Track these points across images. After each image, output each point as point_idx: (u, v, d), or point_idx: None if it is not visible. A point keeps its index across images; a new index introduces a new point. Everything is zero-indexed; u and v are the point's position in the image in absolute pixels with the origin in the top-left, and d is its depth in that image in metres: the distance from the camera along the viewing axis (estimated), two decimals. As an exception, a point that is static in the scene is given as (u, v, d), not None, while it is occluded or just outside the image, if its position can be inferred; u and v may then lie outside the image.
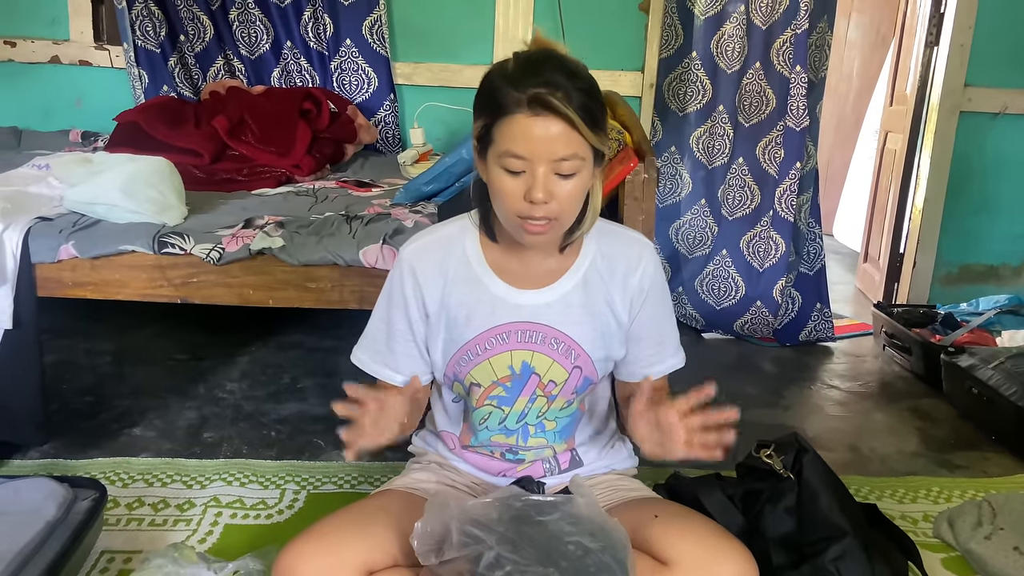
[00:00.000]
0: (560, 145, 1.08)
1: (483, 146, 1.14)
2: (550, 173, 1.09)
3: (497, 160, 1.11)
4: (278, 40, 3.24)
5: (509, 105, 1.08)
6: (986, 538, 1.64)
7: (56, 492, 1.47)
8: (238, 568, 1.37)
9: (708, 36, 3.00)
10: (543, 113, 1.07)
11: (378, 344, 1.31)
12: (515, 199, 1.11)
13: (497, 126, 1.10)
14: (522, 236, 1.16)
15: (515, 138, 1.08)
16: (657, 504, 1.27)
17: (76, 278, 1.87)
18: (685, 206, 3.16)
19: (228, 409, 2.26)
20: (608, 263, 1.27)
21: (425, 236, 1.29)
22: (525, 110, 1.07)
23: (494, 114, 1.10)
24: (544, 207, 1.10)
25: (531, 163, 1.09)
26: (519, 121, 1.08)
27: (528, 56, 1.13)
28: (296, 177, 2.65)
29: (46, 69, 3.30)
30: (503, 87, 1.09)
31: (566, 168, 1.10)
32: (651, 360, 1.32)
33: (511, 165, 1.10)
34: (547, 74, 1.08)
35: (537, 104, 1.07)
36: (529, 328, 1.24)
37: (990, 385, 2.30)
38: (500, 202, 1.14)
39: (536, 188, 1.09)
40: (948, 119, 3.41)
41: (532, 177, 1.09)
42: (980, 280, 3.62)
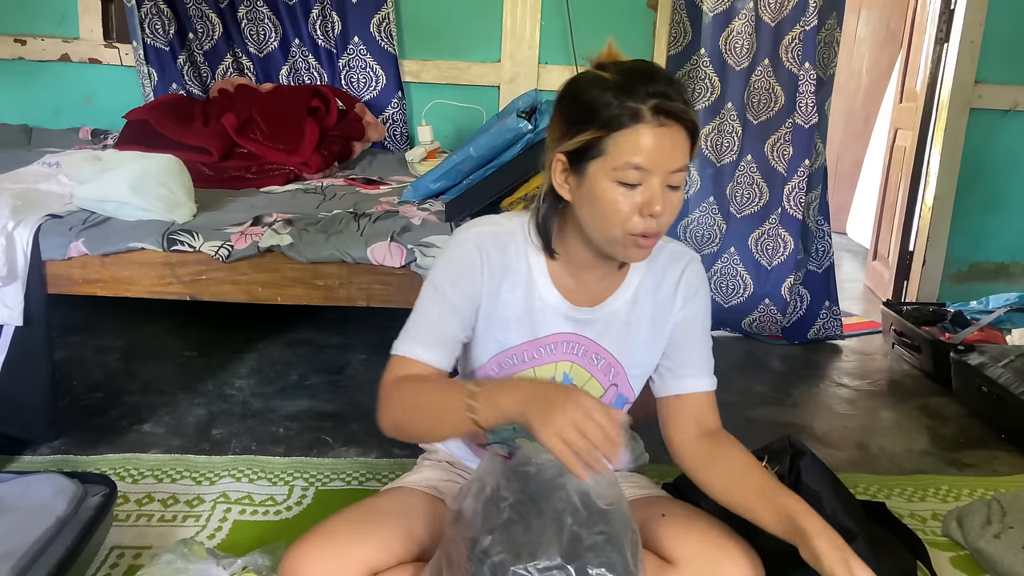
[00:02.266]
0: (678, 155, 1.06)
1: (582, 160, 1.09)
2: (664, 186, 1.07)
3: (610, 174, 1.06)
4: (286, 38, 3.25)
5: (629, 115, 1.04)
6: (995, 537, 1.63)
7: (66, 488, 1.48)
8: (247, 564, 1.38)
9: (717, 33, 2.99)
10: (667, 123, 1.05)
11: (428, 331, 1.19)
12: (628, 214, 1.07)
13: (613, 139, 1.05)
14: (628, 253, 1.12)
15: (639, 149, 1.04)
16: (665, 503, 1.27)
17: (86, 275, 1.88)
18: (693, 203, 3.15)
19: (237, 406, 2.27)
20: (656, 279, 1.25)
21: (493, 223, 1.23)
22: (650, 120, 1.04)
23: (609, 126, 1.05)
24: (655, 221, 1.07)
25: (648, 175, 1.06)
26: (643, 131, 1.04)
27: (630, 67, 1.09)
28: (304, 175, 2.65)
29: (56, 67, 3.31)
30: (615, 98, 1.05)
31: (676, 180, 1.08)
32: (687, 371, 1.27)
33: (629, 177, 1.06)
34: (661, 83, 1.06)
35: (662, 113, 1.04)
36: (573, 340, 1.23)
37: (1000, 383, 2.29)
38: (607, 218, 1.08)
39: (656, 200, 1.06)
40: (958, 116, 3.40)
41: (649, 190, 1.06)
42: (990, 278, 3.60)
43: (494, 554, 0.96)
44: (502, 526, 0.98)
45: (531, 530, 0.97)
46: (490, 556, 0.96)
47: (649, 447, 1.45)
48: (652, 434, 1.36)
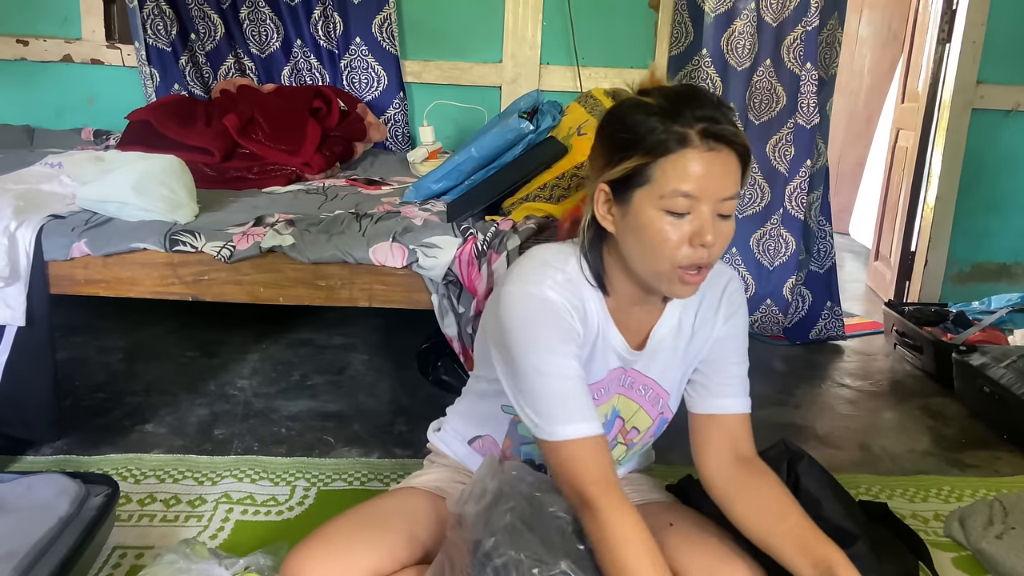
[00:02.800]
0: (728, 181, 1.02)
1: (627, 188, 1.04)
2: (714, 214, 1.02)
3: (657, 202, 1.02)
4: (288, 39, 3.25)
5: (676, 140, 1.00)
6: (997, 537, 1.63)
7: (69, 488, 1.48)
8: (249, 564, 1.38)
9: (718, 33, 2.99)
10: (716, 147, 1.01)
11: (569, 398, 1.07)
12: (677, 246, 1.02)
13: (660, 164, 1.01)
14: (674, 288, 1.07)
15: (687, 175, 1.00)
16: (673, 511, 1.26)
17: (88, 275, 1.88)
18: (695, 204, 3.15)
19: (239, 406, 2.27)
20: (696, 300, 1.21)
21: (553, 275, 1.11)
22: (698, 144, 1.00)
23: (654, 152, 1.01)
24: (709, 252, 1.03)
25: (697, 203, 1.01)
26: (691, 157, 1.00)
27: (675, 90, 1.05)
28: (306, 175, 2.66)
29: (58, 68, 3.31)
30: (661, 123, 1.01)
31: (727, 208, 1.03)
32: (724, 391, 1.24)
33: (677, 206, 1.01)
34: (708, 107, 1.01)
35: (710, 137, 1.00)
36: (623, 373, 1.21)
37: (1002, 384, 2.29)
38: (655, 249, 1.03)
39: (707, 230, 1.01)
40: (960, 116, 3.39)
41: (699, 219, 1.01)
42: (992, 278, 3.60)
43: (496, 557, 0.96)
44: (504, 529, 0.98)
45: (534, 534, 0.97)
46: (492, 559, 0.96)
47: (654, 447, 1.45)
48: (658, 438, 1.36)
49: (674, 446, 2.08)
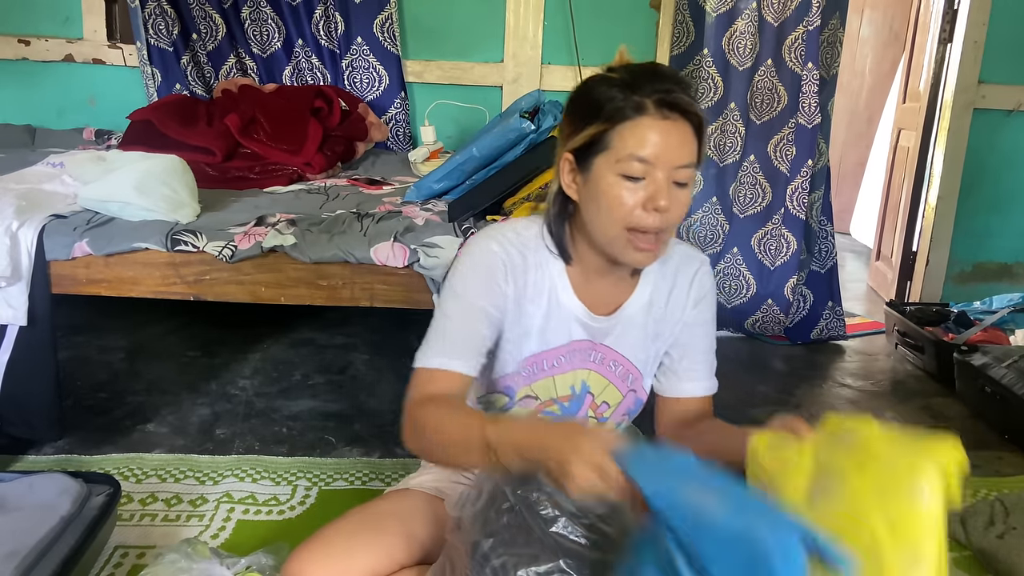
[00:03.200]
0: (684, 150, 1.06)
1: (588, 156, 1.09)
2: (669, 182, 1.06)
3: (614, 167, 1.06)
4: (290, 38, 3.25)
5: (632, 108, 1.05)
6: (998, 537, 1.63)
7: (70, 487, 1.49)
8: (250, 563, 1.38)
9: (719, 33, 2.99)
10: (672, 115, 1.05)
11: (456, 339, 1.14)
12: (630, 209, 1.06)
13: (616, 131, 1.06)
14: (627, 254, 1.10)
15: (641, 141, 1.04)
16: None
17: (90, 275, 1.88)
18: (696, 204, 3.15)
19: (240, 406, 2.28)
20: (667, 283, 1.25)
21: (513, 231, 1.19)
22: (654, 112, 1.05)
23: (611, 119, 1.06)
24: (659, 218, 1.06)
25: (652, 168, 1.05)
26: (647, 124, 1.05)
27: (636, 66, 1.10)
28: (308, 175, 2.66)
29: (60, 67, 3.32)
30: (620, 93, 1.06)
31: (683, 176, 1.07)
32: (691, 375, 1.28)
33: (632, 170, 1.05)
34: (667, 80, 1.06)
35: (665, 106, 1.05)
36: (592, 348, 1.23)
37: (1003, 384, 2.29)
38: (609, 213, 1.08)
39: (660, 195, 1.05)
40: (961, 116, 3.39)
41: (654, 184, 1.05)
42: (993, 278, 3.60)
43: (494, 558, 0.96)
44: (502, 530, 0.98)
45: (531, 534, 0.97)
46: (491, 560, 0.96)
47: (652, 447, 1.45)
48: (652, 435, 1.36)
49: (675, 446, 2.09)
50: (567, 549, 0.96)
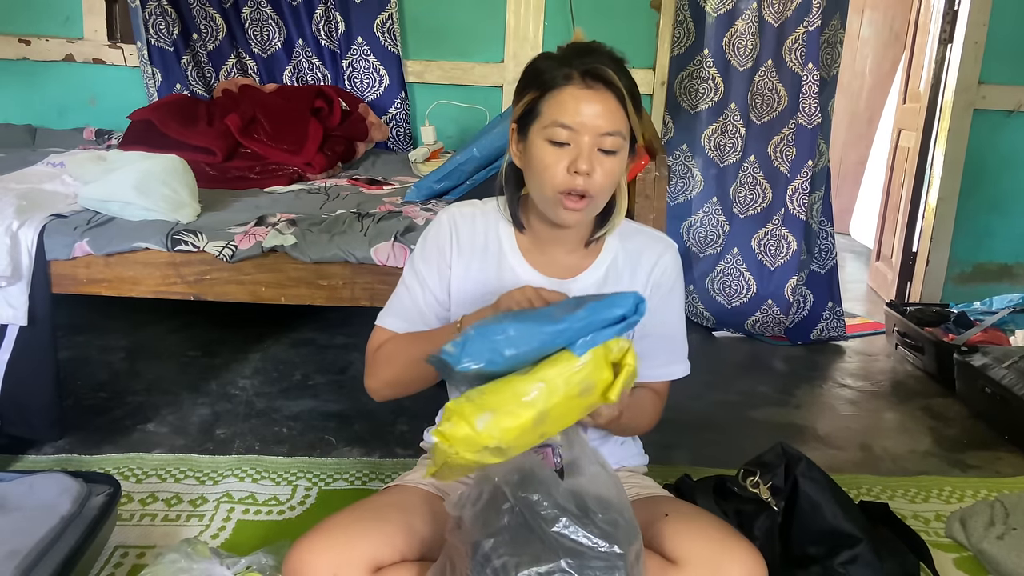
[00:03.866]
0: (607, 119, 1.13)
1: (525, 123, 1.18)
2: (594, 147, 1.14)
3: (542, 132, 1.15)
4: (290, 38, 3.25)
5: (560, 78, 1.14)
6: (998, 538, 1.63)
7: (70, 487, 1.48)
8: (250, 563, 1.38)
9: (720, 33, 2.99)
10: (594, 85, 1.13)
11: (407, 304, 1.31)
12: (557, 171, 1.14)
13: (546, 99, 1.15)
14: (558, 214, 1.18)
15: (565, 108, 1.13)
16: (668, 502, 1.27)
17: (90, 275, 1.88)
18: (696, 204, 3.16)
19: (240, 405, 2.28)
20: (630, 260, 1.29)
21: (470, 205, 1.33)
22: (578, 82, 1.13)
23: (543, 88, 1.15)
24: (585, 180, 1.13)
25: (577, 135, 1.13)
26: (570, 92, 1.13)
27: (576, 43, 1.19)
28: (308, 175, 2.66)
29: (60, 67, 3.32)
30: (553, 65, 1.15)
31: (609, 144, 1.14)
32: (659, 361, 1.32)
33: (557, 135, 1.14)
34: (597, 56, 1.15)
35: (589, 76, 1.13)
36: None
37: (1003, 384, 2.29)
38: (540, 176, 1.16)
39: (582, 159, 1.13)
40: (962, 117, 3.39)
41: (577, 149, 1.13)
42: (993, 279, 3.60)
43: (495, 558, 0.96)
44: (502, 530, 0.98)
45: (532, 533, 0.97)
46: (491, 560, 0.96)
47: (648, 449, 1.45)
48: (656, 436, 1.36)
49: (679, 444, 2.09)
50: (568, 549, 0.96)
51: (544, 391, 0.98)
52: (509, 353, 0.99)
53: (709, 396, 2.46)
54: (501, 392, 0.99)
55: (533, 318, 1.03)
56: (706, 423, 2.28)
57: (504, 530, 0.98)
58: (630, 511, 1.04)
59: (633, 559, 0.99)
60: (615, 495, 1.04)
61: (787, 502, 1.46)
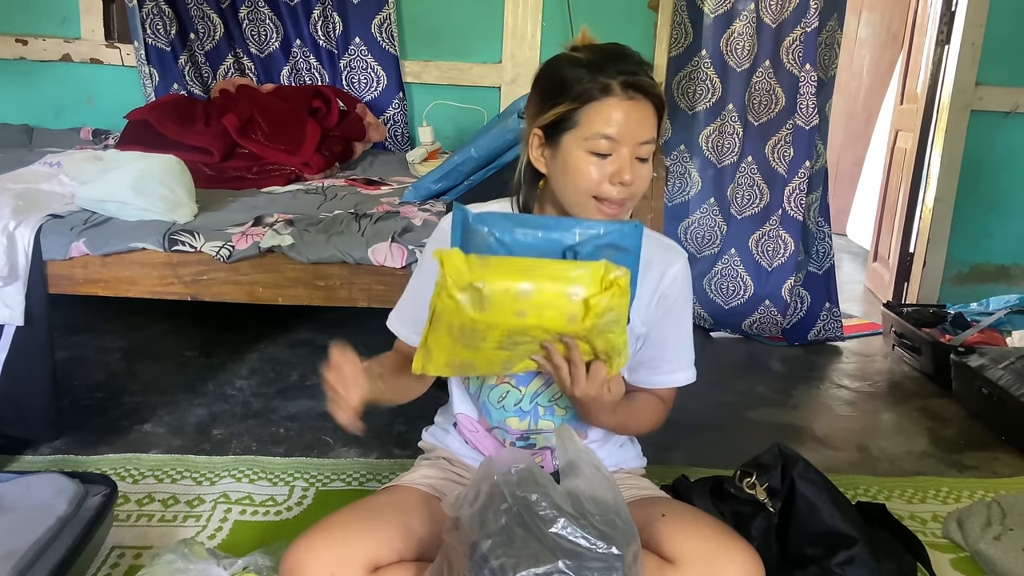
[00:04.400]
0: (646, 128, 1.15)
1: (557, 132, 1.16)
2: (632, 157, 1.15)
3: (582, 144, 1.14)
4: (288, 38, 3.25)
5: (599, 89, 1.13)
6: (995, 539, 1.63)
7: (67, 488, 1.48)
8: (247, 564, 1.38)
9: (718, 34, 2.99)
10: (635, 96, 1.13)
11: (410, 311, 1.32)
12: (598, 182, 1.14)
13: (586, 110, 1.13)
14: (591, 214, 1.17)
15: (609, 120, 1.13)
16: (665, 503, 1.27)
17: (87, 275, 1.88)
18: (694, 205, 3.16)
19: (237, 406, 2.27)
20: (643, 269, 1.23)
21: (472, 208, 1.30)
22: (619, 93, 1.12)
23: (581, 99, 1.13)
24: (625, 190, 1.15)
25: (618, 145, 1.13)
26: (613, 104, 1.13)
27: (600, 47, 1.18)
28: (305, 175, 2.66)
29: (57, 67, 3.31)
30: (587, 73, 1.13)
31: (644, 152, 1.15)
32: (666, 368, 1.30)
33: (600, 147, 1.13)
34: (630, 62, 1.15)
35: (630, 87, 1.13)
36: None
37: (1000, 385, 2.29)
38: (578, 184, 1.16)
39: (626, 170, 1.13)
40: (959, 118, 3.40)
41: (619, 160, 1.14)
42: (990, 280, 3.60)
43: (493, 559, 0.96)
44: (500, 531, 0.98)
45: (530, 534, 0.97)
46: (489, 561, 0.96)
47: (646, 449, 1.45)
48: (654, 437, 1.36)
49: (676, 445, 2.09)
50: (566, 550, 0.96)
51: (538, 269, 0.99)
52: (519, 234, 1.03)
53: (706, 397, 2.46)
54: (502, 263, 1.01)
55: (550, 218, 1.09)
56: (703, 424, 2.28)
57: (502, 531, 0.98)
58: (627, 512, 1.04)
59: (631, 560, 0.99)
60: (612, 496, 1.04)
61: (784, 503, 1.46)
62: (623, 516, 1.03)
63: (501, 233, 1.04)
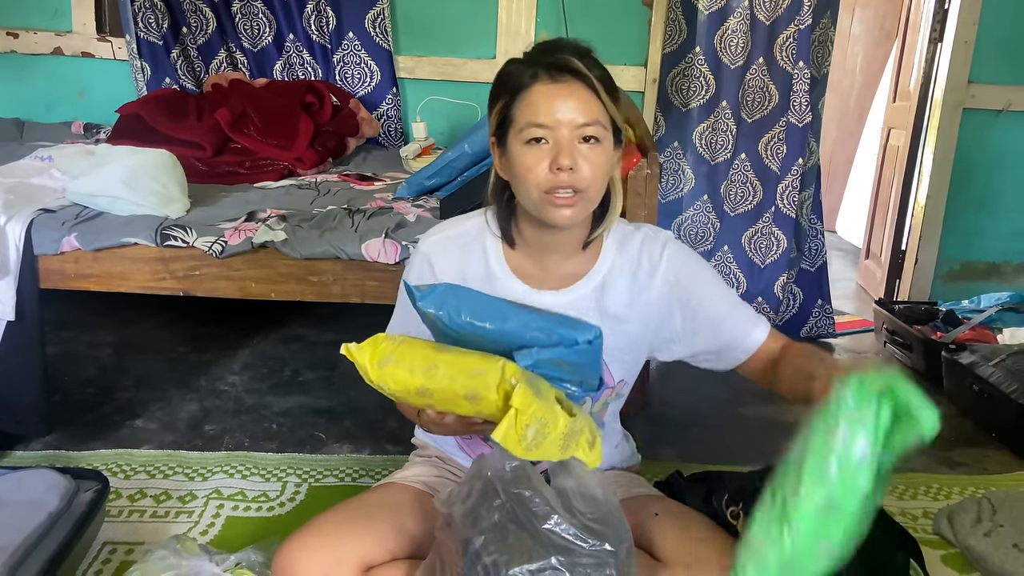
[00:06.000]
0: (581, 110, 1.10)
1: (503, 131, 1.14)
2: (574, 141, 1.10)
3: (519, 136, 1.11)
4: (280, 33, 3.24)
5: (527, 78, 1.11)
6: (986, 535, 1.64)
7: (58, 483, 1.48)
8: (240, 560, 1.37)
9: (712, 31, 2.99)
10: (562, 78, 1.10)
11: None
12: (539, 172, 1.10)
13: (516, 103, 1.11)
14: (549, 214, 1.12)
15: (536, 107, 1.10)
16: (658, 502, 1.27)
17: (79, 270, 1.87)
18: (687, 202, 3.16)
19: (230, 402, 2.27)
20: (630, 265, 1.24)
21: (445, 230, 1.28)
22: (545, 78, 1.10)
23: (513, 92, 1.12)
24: (571, 176, 1.09)
25: (554, 131, 1.09)
26: (539, 90, 1.10)
27: (541, 42, 1.16)
28: (298, 170, 2.65)
29: (48, 61, 3.29)
30: (519, 68, 1.13)
31: (589, 132, 1.10)
32: (743, 332, 1.24)
33: (534, 134, 1.10)
34: (563, 51, 1.12)
35: (555, 68, 1.10)
36: None
37: (991, 382, 2.30)
38: (524, 180, 1.11)
39: (562, 153, 1.08)
40: (951, 116, 3.41)
41: (557, 145, 1.09)
42: (982, 277, 3.61)
43: (486, 555, 0.96)
44: (493, 527, 0.98)
45: (523, 531, 0.97)
46: (482, 558, 0.96)
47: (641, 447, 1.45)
48: (645, 432, 1.36)
49: (667, 440, 2.10)
50: (559, 546, 0.96)
51: (439, 373, 1.00)
52: (465, 319, 1.02)
53: (698, 392, 2.46)
54: (417, 351, 1.03)
55: (508, 306, 1.05)
56: (695, 420, 2.29)
57: (495, 527, 0.98)
58: (619, 510, 1.04)
59: (623, 557, 0.99)
60: (602, 494, 1.04)
61: None
62: (615, 514, 1.03)
63: (449, 319, 1.03)
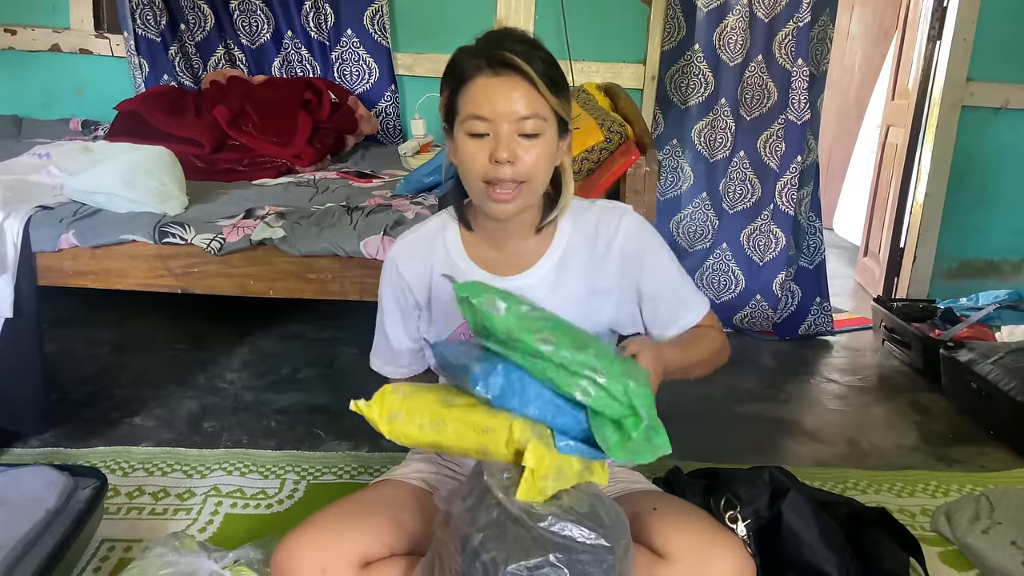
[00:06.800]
0: (521, 104, 1.11)
1: (450, 121, 1.16)
2: (513, 134, 1.11)
3: (462, 127, 1.13)
4: (279, 30, 3.23)
5: (470, 70, 1.11)
6: (984, 532, 1.64)
7: (57, 481, 1.48)
8: (238, 557, 1.37)
9: (710, 29, 2.99)
10: (503, 72, 1.10)
11: (382, 345, 1.36)
12: (480, 163, 1.12)
13: (460, 94, 1.13)
14: (489, 206, 1.15)
15: (476, 99, 1.11)
16: (656, 497, 1.27)
17: (77, 267, 1.87)
18: (686, 199, 3.16)
19: (228, 399, 2.27)
20: (587, 240, 1.25)
21: (409, 233, 1.32)
22: (486, 71, 1.11)
23: (457, 83, 1.13)
24: (511, 169, 1.11)
25: (494, 124, 1.11)
26: (480, 82, 1.11)
27: (488, 32, 1.16)
28: (297, 167, 2.64)
29: (46, 57, 3.29)
30: (464, 58, 1.13)
31: (529, 127, 1.11)
32: (676, 314, 1.27)
33: (475, 127, 1.11)
34: (507, 42, 1.12)
35: (496, 63, 1.10)
36: None
37: (989, 380, 2.31)
38: (467, 171, 1.14)
39: (500, 147, 1.10)
40: (950, 113, 3.41)
41: (496, 138, 1.11)
42: (980, 275, 3.62)
43: (484, 552, 0.96)
44: (491, 525, 0.98)
45: (521, 527, 0.97)
46: (480, 555, 0.96)
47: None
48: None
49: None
50: (557, 543, 0.96)
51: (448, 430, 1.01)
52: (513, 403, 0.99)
53: (696, 390, 2.45)
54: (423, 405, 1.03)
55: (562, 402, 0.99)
56: (693, 417, 2.29)
57: (493, 524, 0.98)
58: (615, 506, 1.04)
59: (621, 552, 0.99)
60: (601, 490, 1.04)
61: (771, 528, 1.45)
62: (613, 509, 1.03)
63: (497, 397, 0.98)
